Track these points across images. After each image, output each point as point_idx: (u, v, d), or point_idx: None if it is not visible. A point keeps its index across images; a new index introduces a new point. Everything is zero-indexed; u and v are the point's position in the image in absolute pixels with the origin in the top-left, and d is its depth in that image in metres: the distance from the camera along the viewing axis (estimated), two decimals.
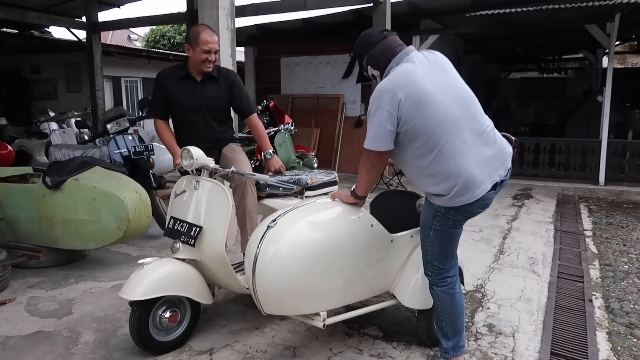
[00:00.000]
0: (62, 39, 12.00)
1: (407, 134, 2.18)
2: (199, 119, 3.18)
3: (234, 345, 2.77)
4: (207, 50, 3.02)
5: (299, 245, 2.32)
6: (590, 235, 5.36)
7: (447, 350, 2.48)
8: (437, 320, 2.52)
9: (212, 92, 3.16)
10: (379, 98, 2.18)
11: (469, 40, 11.48)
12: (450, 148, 2.17)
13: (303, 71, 9.88)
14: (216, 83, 3.17)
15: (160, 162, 5.59)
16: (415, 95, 2.15)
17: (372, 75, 2.38)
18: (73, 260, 4.14)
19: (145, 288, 2.51)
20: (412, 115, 2.14)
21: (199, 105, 3.16)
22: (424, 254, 2.45)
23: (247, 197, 3.03)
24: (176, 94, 3.17)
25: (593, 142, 8.07)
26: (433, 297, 2.50)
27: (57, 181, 3.73)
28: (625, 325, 3.22)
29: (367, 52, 2.34)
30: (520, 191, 7.60)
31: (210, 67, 3.10)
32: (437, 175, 2.21)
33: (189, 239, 2.67)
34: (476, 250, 4.56)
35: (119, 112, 4.99)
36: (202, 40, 3.01)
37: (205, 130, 3.20)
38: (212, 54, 3.05)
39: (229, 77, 3.21)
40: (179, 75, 3.17)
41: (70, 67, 12.40)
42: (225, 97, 3.20)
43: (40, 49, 12.20)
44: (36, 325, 3.03)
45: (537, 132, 13.25)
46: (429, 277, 2.47)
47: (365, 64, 2.36)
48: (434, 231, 2.35)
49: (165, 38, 23.84)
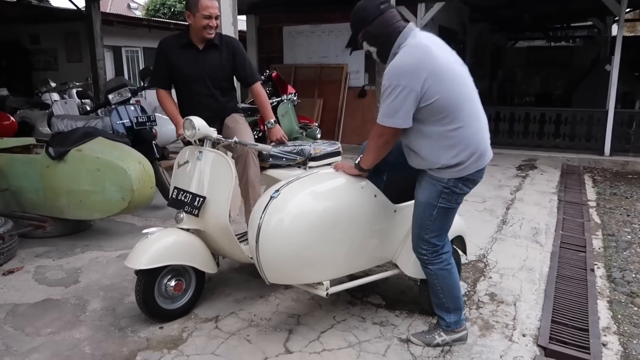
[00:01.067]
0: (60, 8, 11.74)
1: (430, 108, 2.15)
2: (202, 88, 3.13)
3: (238, 313, 2.82)
4: (208, 15, 2.95)
5: (302, 216, 2.33)
6: (594, 206, 5.35)
7: (450, 325, 2.50)
8: (435, 298, 2.51)
9: (214, 60, 3.10)
10: (399, 74, 2.11)
11: (474, 8, 11.19)
12: (472, 115, 2.22)
13: (306, 40, 9.67)
14: (218, 51, 3.10)
15: (163, 133, 5.57)
16: (438, 68, 2.13)
17: (368, 51, 2.30)
18: (78, 230, 4.18)
19: (150, 257, 2.53)
20: (436, 89, 2.12)
21: (202, 74, 3.11)
22: (419, 233, 2.40)
23: (249, 167, 3.01)
24: (178, 63, 3.12)
25: (599, 112, 7.96)
26: (429, 277, 2.48)
27: (61, 152, 3.72)
28: (627, 294, 3.24)
29: (362, 27, 2.24)
30: (524, 162, 7.56)
31: (212, 33, 3.02)
32: (459, 144, 2.21)
33: (192, 209, 2.68)
34: (479, 220, 4.57)
35: (120, 82, 4.94)
36: (202, 5, 2.94)
37: (208, 100, 3.16)
38: (213, 19, 2.97)
39: (231, 45, 3.13)
40: (181, 43, 3.12)
41: (70, 36, 12.23)
42: (227, 65, 3.13)
43: (39, 19, 11.98)
44: (44, 293, 3.09)
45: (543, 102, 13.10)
46: (423, 256, 2.43)
47: (360, 38, 2.27)
48: (438, 209, 2.33)
49: (165, 7, 23.30)
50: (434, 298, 2.51)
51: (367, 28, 2.23)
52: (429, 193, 2.33)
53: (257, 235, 2.30)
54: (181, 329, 2.65)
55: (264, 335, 2.60)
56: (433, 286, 2.48)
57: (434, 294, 2.50)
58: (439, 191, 2.30)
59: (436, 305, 2.52)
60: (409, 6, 8.54)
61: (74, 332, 2.64)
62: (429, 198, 2.33)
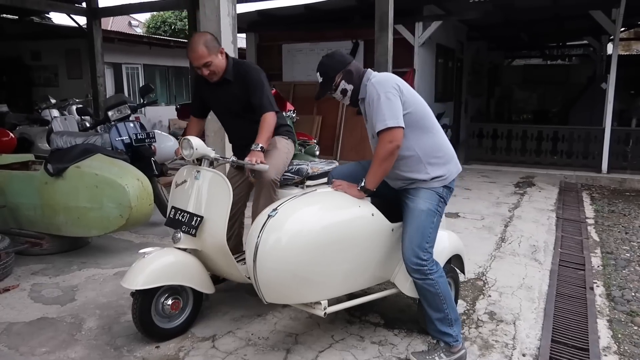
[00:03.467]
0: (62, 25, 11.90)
1: (411, 116, 2.44)
2: (227, 118, 3.24)
3: (236, 332, 2.79)
4: (197, 67, 2.95)
5: (299, 235, 2.32)
6: (592, 223, 5.35)
7: (457, 339, 2.49)
8: (437, 313, 2.46)
9: (227, 94, 3.11)
10: (383, 85, 2.42)
11: (472, 27, 11.37)
12: (440, 130, 2.60)
13: (305, 58, 9.79)
14: (231, 85, 3.08)
15: (162, 150, 5.57)
16: (406, 87, 2.50)
17: (344, 89, 2.53)
18: (76, 247, 4.16)
19: (147, 277, 2.52)
20: (411, 101, 2.46)
21: (222, 107, 3.19)
22: (421, 244, 2.42)
23: (261, 197, 2.94)
24: (205, 97, 3.23)
25: (596, 129, 8.02)
26: (430, 289, 2.43)
27: (59, 168, 3.73)
28: (626, 313, 3.22)
29: (342, 69, 2.51)
30: (522, 179, 7.58)
31: (214, 78, 3.01)
32: (442, 154, 2.53)
33: (190, 228, 2.68)
34: (478, 238, 4.56)
35: (120, 99, 4.98)
36: (190, 58, 2.97)
37: (236, 129, 3.23)
38: (203, 68, 2.94)
39: (245, 78, 3.06)
40: (205, 79, 3.14)
41: (70, 53, 12.34)
42: (242, 97, 3.08)
43: (40, 35, 12.13)
44: (40, 311, 3.06)
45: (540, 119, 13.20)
46: (424, 266, 2.42)
47: (338, 79, 2.51)
48: (437, 217, 2.50)
49: (166, 24, 23.60)
50: (436, 314, 2.47)
51: (348, 68, 2.51)
52: (430, 201, 2.47)
53: (254, 254, 2.29)
54: (178, 349, 2.62)
55: (261, 354, 2.57)
56: (435, 298, 2.44)
57: (435, 309, 2.46)
58: (437, 199, 2.49)
59: (439, 321, 2.47)
60: (406, 25, 8.67)
61: (69, 351, 2.60)
62: (431, 206, 2.47)
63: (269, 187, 2.93)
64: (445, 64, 10.45)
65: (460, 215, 5.37)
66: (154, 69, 14.74)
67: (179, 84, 16.01)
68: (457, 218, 5.27)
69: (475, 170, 8.31)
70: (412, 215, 2.46)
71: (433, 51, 9.59)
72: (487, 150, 8.87)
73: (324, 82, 2.53)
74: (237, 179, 3.16)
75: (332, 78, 2.51)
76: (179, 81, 15.99)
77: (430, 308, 2.47)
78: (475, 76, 13.12)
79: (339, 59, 2.54)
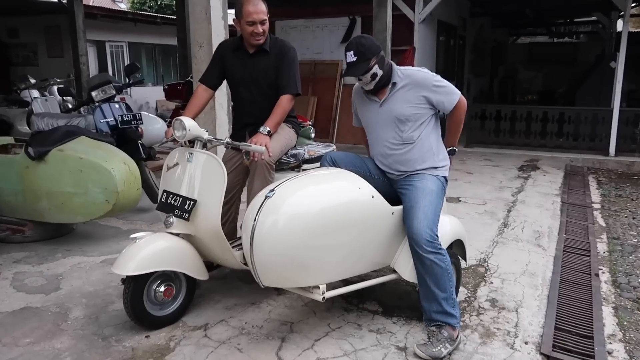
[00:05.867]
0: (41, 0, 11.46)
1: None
2: (246, 93, 3.09)
3: (229, 321, 2.73)
4: (252, 21, 2.87)
5: (298, 216, 2.29)
6: (599, 208, 5.25)
7: (459, 319, 2.53)
8: (444, 291, 2.48)
9: (261, 65, 3.02)
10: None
11: (475, 2, 11.08)
12: None
13: (299, 35, 9.51)
14: (267, 56, 3.02)
15: (150, 132, 5.41)
16: None
17: (374, 74, 2.59)
18: (60, 234, 4.05)
19: (139, 263, 2.47)
20: None
21: (247, 79, 3.06)
22: (434, 219, 2.52)
23: (255, 178, 2.87)
24: (230, 66, 3.10)
25: (604, 110, 7.85)
26: (442, 264, 2.46)
27: (41, 152, 3.60)
28: (632, 300, 3.16)
29: (378, 52, 2.59)
30: (526, 162, 7.46)
31: (260, 39, 2.94)
32: (443, 147, 2.79)
33: (183, 212, 2.60)
34: (480, 223, 4.48)
35: (104, 78, 4.77)
36: (245, 12, 2.86)
37: (251, 106, 3.10)
38: (258, 25, 2.88)
39: (281, 51, 3.02)
40: (234, 46, 3.08)
41: (50, 30, 11.94)
42: (272, 71, 3.02)
43: (17, 11, 11.59)
44: (23, 301, 2.99)
45: (545, 100, 12.96)
46: (436, 242, 2.48)
47: (373, 62, 2.56)
48: (442, 200, 2.69)
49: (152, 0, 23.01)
50: (443, 293, 2.47)
51: (382, 54, 2.62)
52: (436, 184, 2.64)
53: (251, 236, 2.25)
54: (168, 338, 2.56)
55: (255, 343, 2.51)
56: (444, 275, 2.46)
57: (443, 288, 2.47)
58: (441, 185, 2.68)
59: (445, 301, 2.48)
60: (406, 0, 8.40)
61: (54, 341, 2.54)
62: (438, 187, 2.64)
63: (262, 168, 2.85)
64: (446, 41, 10.17)
65: (462, 200, 5.27)
66: (140, 47, 14.38)
67: (166, 63, 15.60)
68: (459, 203, 5.18)
69: (477, 153, 8.18)
70: (422, 194, 2.55)
71: (434, 28, 9.32)
72: (490, 133, 8.70)
73: (359, 63, 2.56)
74: (233, 163, 3.07)
75: (368, 60, 2.55)
76: (166, 60, 15.55)
77: (438, 287, 2.47)
78: (478, 55, 12.84)
79: (374, 42, 2.64)
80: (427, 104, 2.65)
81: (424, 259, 2.45)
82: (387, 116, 2.67)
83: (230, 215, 3.13)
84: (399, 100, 2.64)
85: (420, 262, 2.48)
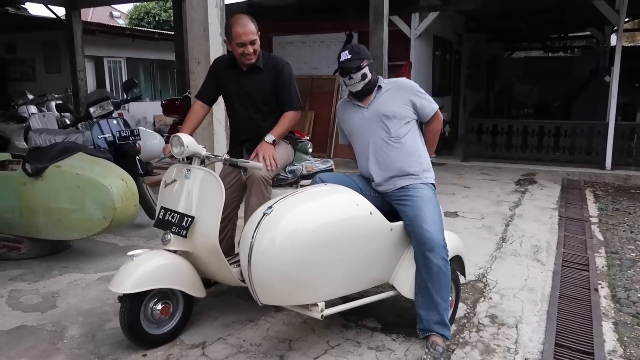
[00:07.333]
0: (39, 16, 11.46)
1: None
2: (242, 109, 3.10)
3: (227, 339, 2.70)
4: (241, 43, 2.88)
5: (295, 234, 2.27)
6: (596, 222, 5.24)
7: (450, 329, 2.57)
8: (445, 301, 2.50)
9: (254, 82, 3.04)
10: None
11: (470, 18, 11.19)
12: None
13: (296, 51, 9.58)
14: (261, 73, 3.04)
15: (147, 148, 5.38)
16: None
17: (364, 74, 2.71)
18: (56, 251, 4.02)
19: (136, 281, 2.44)
20: None
21: (242, 94, 3.08)
22: (441, 225, 2.56)
23: (252, 194, 2.87)
24: (224, 82, 3.12)
25: (600, 124, 7.89)
26: (447, 272, 2.49)
27: (38, 168, 3.59)
28: (632, 315, 3.14)
29: (370, 59, 2.78)
30: (523, 176, 7.47)
31: (251, 59, 2.96)
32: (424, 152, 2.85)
33: (180, 229, 2.59)
34: (478, 238, 4.47)
35: (102, 94, 4.77)
36: (235, 34, 2.88)
37: (246, 122, 3.11)
38: (248, 45, 2.90)
39: (276, 68, 3.04)
40: (228, 63, 3.10)
41: (48, 46, 11.94)
42: (268, 88, 3.05)
43: (16, 27, 11.62)
44: (19, 319, 2.95)
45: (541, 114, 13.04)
46: (447, 251, 2.51)
47: (366, 63, 2.71)
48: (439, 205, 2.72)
49: (150, 15, 22.80)
50: (444, 303, 2.49)
51: (371, 61, 2.78)
52: (430, 190, 2.70)
53: (249, 254, 2.23)
54: (166, 357, 2.53)
55: None
56: (447, 283, 2.51)
57: (445, 297, 2.50)
58: (433, 192, 2.73)
59: (445, 311, 2.51)
60: (402, 16, 8.49)
61: None
62: (433, 194, 2.70)
63: (259, 184, 2.84)
64: (442, 56, 10.26)
65: (460, 215, 5.27)
66: (138, 63, 14.37)
67: (164, 79, 15.61)
68: (457, 217, 5.17)
69: (474, 167, 8.20)
70: (423, 202, 2.58)
71: (430, 43, 9.41)
72: (487, 147, 8.73)
73: (353, 59, 2.69)
74: (230, 179, 3.06)
75: (362, 59, 2.70)
76: (164, 76, 15.57)
77: (440, 296, 2.48)
78: (474, 69, 12.95)
79: (367, 50, 2.84)
80: (411, 107, 2.74)
81: (433, 265, 2.45)
82: (374, 116, 2.74)
83: (228, 232, 3.11)
84: (385, 100, 2.75)
85: (427, 269, 2.47)
